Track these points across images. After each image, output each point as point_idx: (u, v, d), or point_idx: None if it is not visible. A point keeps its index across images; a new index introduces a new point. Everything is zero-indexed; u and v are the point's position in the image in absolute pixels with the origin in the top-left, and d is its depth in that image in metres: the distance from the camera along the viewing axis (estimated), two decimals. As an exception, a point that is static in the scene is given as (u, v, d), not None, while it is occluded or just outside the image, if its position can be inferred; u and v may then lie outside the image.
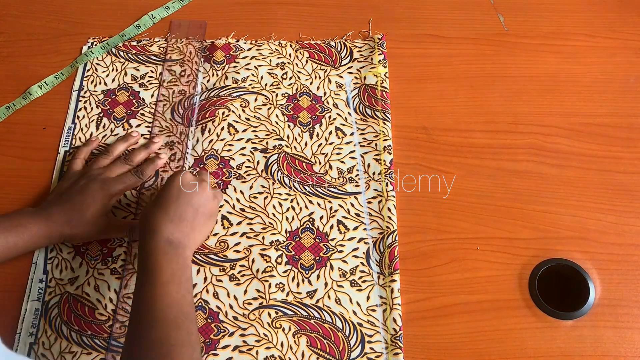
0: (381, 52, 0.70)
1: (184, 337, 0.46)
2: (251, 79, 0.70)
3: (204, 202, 0.56)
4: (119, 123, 0.68)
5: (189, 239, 0.54)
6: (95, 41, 0.74)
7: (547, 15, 0.73)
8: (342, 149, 0.66)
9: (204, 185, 0.57)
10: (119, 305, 0.58)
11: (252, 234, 0.62)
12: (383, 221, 0.61)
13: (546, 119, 0.67)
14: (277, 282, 0.59)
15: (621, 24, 0.72)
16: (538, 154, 0.65)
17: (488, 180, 0.64)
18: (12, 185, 0.66)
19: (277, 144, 0.66)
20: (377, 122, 0.66)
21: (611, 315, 0.57)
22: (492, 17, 0.74)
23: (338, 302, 0.58)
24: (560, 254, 0.60)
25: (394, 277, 0.58)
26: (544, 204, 0.62)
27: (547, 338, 0.56)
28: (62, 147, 0.67)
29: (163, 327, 0.46)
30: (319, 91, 0.69)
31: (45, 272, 0.60)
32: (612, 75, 0.69)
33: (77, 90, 0.71)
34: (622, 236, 0.60)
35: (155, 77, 0.71)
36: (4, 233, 0.55)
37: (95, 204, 0.59)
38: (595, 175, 0.63)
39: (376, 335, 0.57)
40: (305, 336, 0.57)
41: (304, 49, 0.72)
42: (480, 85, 0.69)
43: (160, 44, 0.73)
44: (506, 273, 0.59)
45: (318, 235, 0.61)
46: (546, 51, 0.71)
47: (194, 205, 0.55)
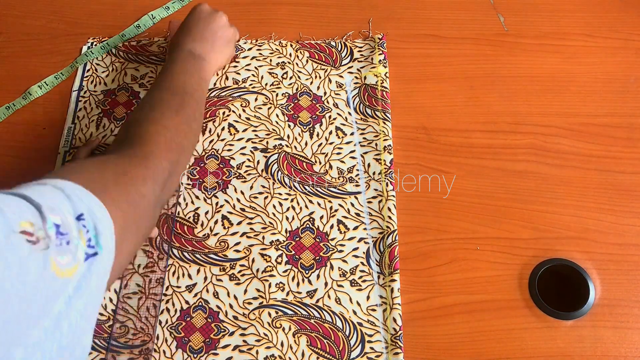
0: (381, 52, 0.70)
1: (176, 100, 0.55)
2: (251, 78, 0.70)
3: (222, 28, 0.65)
4: (119, 123, 0.68)
5: (209, 56, 0.62)
6: (95, 41, 0.74)
7: (547, 15, 0.73)
8: (342, 149, 0.66)
9: (221, 14, 0.65)
10: (119, 305, 0.58)
11: (252, 234, 0.62)
12: (383, 221, 0.61)
13: (546, 119, 0.67)
14: (277, 282, 0.59)
15: (621, 24, 0.72)
16: (538, 154, 0.65)
17: (488, 180, 0.64)
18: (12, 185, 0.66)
19: (278, 143, 0.66)
20: (377, 122, 0.66)
21: (611, 315, 0.57)
22: (492, 17, 0.74)
23: (338, 302, 0.58)
24: (560, 254, 0.60)
25: (394, 277, 0.58)
26: (544, 204, 0.62)
27: (547, 338, 0.56)
28: (62, 147, 0.67)
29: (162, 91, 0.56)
30: (319, 91, 0.69)
31: (45, 272, 0.60)
32: (612, 75, 0.69)
33: (77, 91, 0.71)
34: (622, 236, 0.60)
35: (155, 77, 0.71)
36: None
37: None
38: (595, 175, 0.63)
39: (376, 335, 0.57)
40: (306, 336, 0.57)
41: (305, 48, 0.72)
42: (480, 85, 0.69)
43: (160, 44, 0.73)
44: (506, 273, 0.59)
45: (318, 235, 0.61)
46: (546, 51, 0.71)
47: (213, 28, 0.64)
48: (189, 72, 0.59)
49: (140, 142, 0.50)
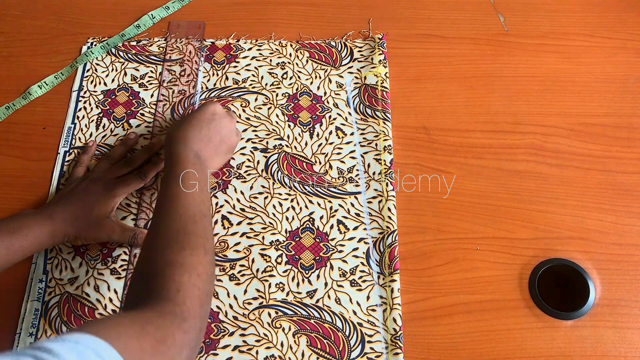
0: (381, 52, 0.70)
1: (199, 230, 0.51)
2: (251, 79, 0.70)
3: (229, 134, 0.62)
4: (118, 123, 0.68)
5: (211, 160, 0.59)
6: (95, 41, 0.74)
7: (547, 15, 0.73)
8: (342, 149, 0.66)
9: (232, 120, 0.63)
10: (120, 306, 0.58)
11: (252, 234, 0.62)
12: (383, 221, 0.61)
13: (546, 119, 0.67)
14: (277, 282, 0.59)
15: (621, 24, 0.72)
16: (538, 154, 0.65)
17: (488, 180, 0.64)
18: (12, 185, 0.66)
19: (278, 143, 0.66)
20: (377, 122, 0.66)
21: (611, 315, 0.57)
22: (492, 17, 0.74)
23: (338, 302, 0.58)
24: (560, 254, 0.60)
25: (394, 277, 0.58)
26: (544, 204, 0.62)
27: (547, 338, 0.56)
28: (62, 147, 0.67)
29: (183, 220, 0.51)
30: (319, 91, 0.69)
31: (45, 272, 0.60)
32: (612, 75, 0.69)
33: (77, 91, 0.71)
34: (622, 236, 0.60)
35: (155, 77, 0.71)
36: (8, 236, 0.55)
37: (99, 204, 0.59)
38: (595, 175, 0.63)
39: (376, 335, 0.57)
40: (305, 336, 0.57)
41: (305, 48, 0.72)
42: (480, 85, 0.69)
43: (160, 44, 0.73)
44: (506, 273, 0.59)
45: (318, 235, 0.61)
46: (546, 51, 0.71)
47: (221, 133, 0.60)
48: (200, 182, 0.55)
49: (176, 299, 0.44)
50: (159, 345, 0.40)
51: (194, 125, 0.59)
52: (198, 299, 0.46)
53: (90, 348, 0.34)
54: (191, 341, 0.43)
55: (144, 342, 0.39)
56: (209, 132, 0.59)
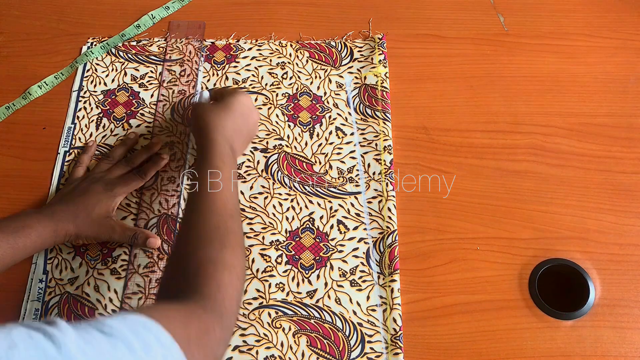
0: (381, 52, 0.70)
1: (237, 227, 0.51)
2: (251, 79, 0.70)
3: (255, 125, 0.62)
4: (118, 123, 0.69)
5: (238, 151, 0.60)
6: (95, 41, 0.74)
7: (547, 15, 0.73)
8: (342, 149, 0.66)
9: (258, 112, 0.63)
10: (121, 306, 0.58)
11: (252, 234, 0.62)
12: (383, 221, 0.61)
13: (546, 119, 0.67)
14: (277, 282, 0.59)
15: (621, 24, 0.72)
16: (538, 154, 0.65)
17: (488, 180, 0.64)
18: (12, 185, 0.66)
19: (277, 143, 0.66)
20: (377, 122, 0.66)
21: (611, 315, 0.57)
22: (492, 17, 0.74)
23: (338, 302, 0.58)
24: (560, 254, 0.60)
25: (394, 277, 0.58)
26: (544, 204, 0.62)
27: (547, 338, 0.56)
28: (62, 147, 0.67)
29: (221, 216, 0.50)
30: (319, 91, 0.69)
31: (45, 272, 0.60)
32: (612, 75, 0.69)
33: (77, 91, 0.71)
34: (622, 236, 0.60)
35: (155, 77, 0.71)
36: (11, 235, 0.55)
37: (100, 204, 0.59)
38: (595, 175, 0.63)
39: (376, 335, 0.57)
40: (305, 336, 0.57)
41: (305, 48, 0.72)
42: (480, 85, 0.69)
43: (160, 44, 0.73)
44: (506, 273, 0.59)
45: (318, 235, 0.61)
46: (546, 51, 0.71)
47: (249, 125, 0.61)
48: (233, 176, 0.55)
49: (217, 296, 0.45)
50: (203, 336, 0.41)
51: (231, 117, 0.58)
52: (235, 298, 0.47)
53: (146, 327, 0.36)
54: (227, 338, 0.46)
55: (190, 330, 0.40)
56: (240, 123, 0.59)
